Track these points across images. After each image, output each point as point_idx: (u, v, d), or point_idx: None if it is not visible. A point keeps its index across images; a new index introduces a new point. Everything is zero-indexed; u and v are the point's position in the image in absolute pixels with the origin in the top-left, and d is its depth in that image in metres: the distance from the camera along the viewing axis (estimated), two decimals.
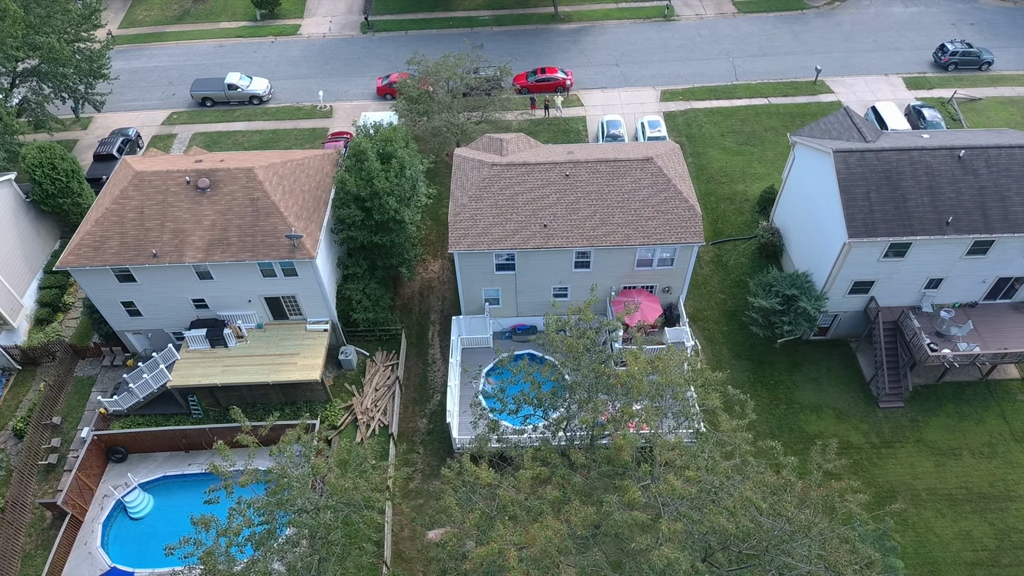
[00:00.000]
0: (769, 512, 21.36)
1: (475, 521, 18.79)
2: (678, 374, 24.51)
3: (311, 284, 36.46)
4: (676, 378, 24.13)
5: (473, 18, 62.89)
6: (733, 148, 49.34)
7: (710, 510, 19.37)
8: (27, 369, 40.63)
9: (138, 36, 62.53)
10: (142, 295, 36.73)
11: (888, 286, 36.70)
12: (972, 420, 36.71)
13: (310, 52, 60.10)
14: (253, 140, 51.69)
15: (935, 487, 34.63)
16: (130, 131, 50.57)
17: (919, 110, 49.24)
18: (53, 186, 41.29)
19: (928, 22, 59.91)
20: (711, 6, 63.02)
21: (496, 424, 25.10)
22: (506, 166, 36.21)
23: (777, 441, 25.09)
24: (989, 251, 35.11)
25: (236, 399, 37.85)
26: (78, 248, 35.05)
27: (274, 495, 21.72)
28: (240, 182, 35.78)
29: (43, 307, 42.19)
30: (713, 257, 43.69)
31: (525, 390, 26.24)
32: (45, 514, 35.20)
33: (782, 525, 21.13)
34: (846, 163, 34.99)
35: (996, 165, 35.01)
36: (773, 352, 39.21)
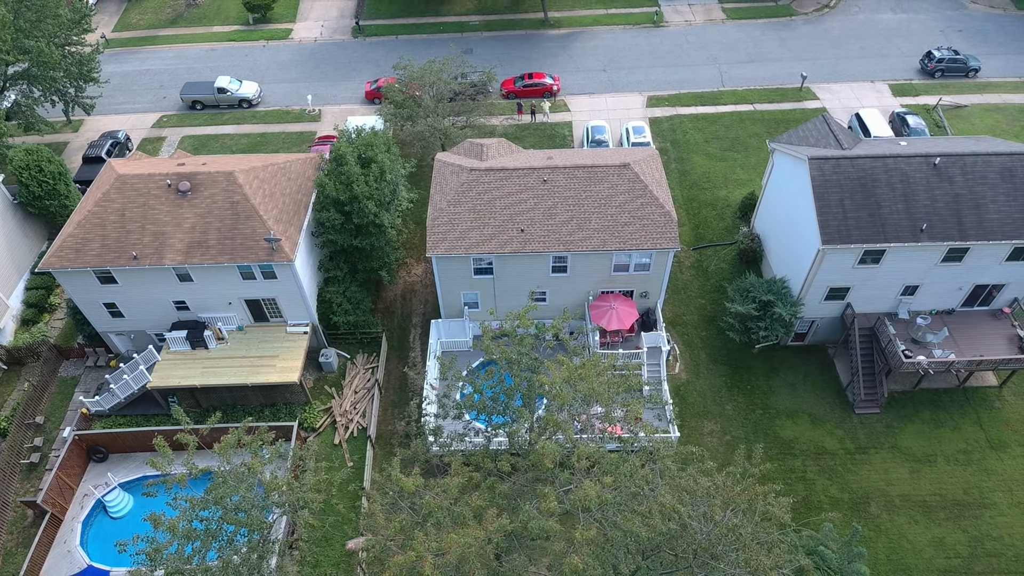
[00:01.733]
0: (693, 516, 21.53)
1: (396, 529, 19.03)
2: (599, 383, 24.53)
3: (290, 287, 36.80)
4: (598, 387, 24.18)
5: (464, 23, 63.30)
6: (717, 154, 49.58)
7: (624, 517, 19.51)
8: (12, 369, 41.05)
9: (131, 40, 63.08)
10: (124, 297, 37.12)
11: (864, 292, 36.87)
12: (948, 427, 36.83)
13: (301, 56, 60.56)
14: (241, 143, 52.12)
15: (909, 494, 34.75)
16: (119, 134, 51.05)
17: (903, 117, 49.42)
18: (40, 188, 41.73)
19: (916, 29, 60.10)
20: (700, 13, 63.32)
21: (439, 429, 25.36)
22: (484, 171, 36.52)
23: (699, 447, 25.27)
24: (964, 258, 35.25)
25: (216, 400, 38.24)
26: (60, 250, 35.45)
27: (210, 492, 22.07)
28: (220, 185, 36.15)
29: (29, 308, 42.62)
30: (694, 262, 43.91)
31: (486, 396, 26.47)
32: (26, 512, 35.57)
33: (709, 528, 21.32)
34: (821, 170, 35.20)
35: (972, 173, 35.17)
36: (751, 357, 39.39)
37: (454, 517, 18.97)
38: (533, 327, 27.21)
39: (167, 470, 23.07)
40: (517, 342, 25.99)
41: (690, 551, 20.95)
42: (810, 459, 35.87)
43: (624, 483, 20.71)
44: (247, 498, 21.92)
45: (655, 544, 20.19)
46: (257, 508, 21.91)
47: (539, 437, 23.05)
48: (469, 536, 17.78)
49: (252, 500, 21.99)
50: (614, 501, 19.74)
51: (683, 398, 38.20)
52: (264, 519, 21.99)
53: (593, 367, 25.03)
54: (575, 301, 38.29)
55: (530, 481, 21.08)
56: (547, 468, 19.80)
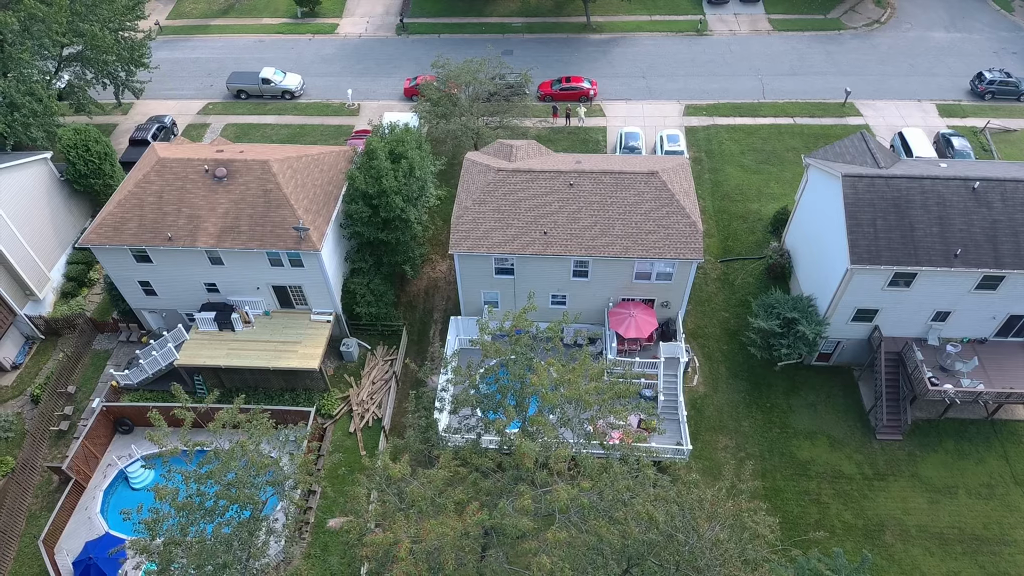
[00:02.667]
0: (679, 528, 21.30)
1: (377, 511, 19.33)
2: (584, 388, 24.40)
3: (316, 276, 37.54)
4: (582, 392, 24.05)
5: (506, 24, 63.65)
6: (752, 166, 48.93)
7: (599, 522, 19.39)
8: (49, 339, 42.69)
9: (184, 28, 65.03)
10: (157, 275, 38.34)
11: (893, 316, 36.02)
12: (972, 459, 35.74)
13: (344, 51, 61.65)
14: (281, 134, 53.29)
15: (926, 524, 33.83)
16: (166, 119, 52.68)
17: (948, 138, 48.09)
18: (86, 167, 43.34)
19: (969, 49, 58.39)
20: (746, 23, 62.55)
21: (433, 422, 25.60)
22: (511, 172, 36.74)
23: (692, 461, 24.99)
24: (999, 287, 34.19)
25: (239, 382, 39.23)
26: (99, 227, 36.80)
27: (201, 467, 22.76)
28: (255, 173, 37.08)
29: (69, 281, 44.29)
30: (720, 275, 43.41)
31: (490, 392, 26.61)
32: (52, 477, 36.97)
33: (693, 541, 21.08)
34: (854, 188, 34.52)
35: (1012, 199, 34.12)
36: (772, 375, 38.80)
37: (436, 507, 19.27)
38: (533, 328, 27.31)
39: (163, 444, 23.93)
40: (514, 342, 26.16)
41: (673, 562, 20.78)
42: (826, 482, 35.18)
43: (604, 489, 20.66)
44: (239, 475, 22.56)
45: (639, 552, 20.10)
46: (247, 485, 22.54)
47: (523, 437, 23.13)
48: (447, 526, 18.04)
49: (243, 477, 22.62)
50: (590, 505, 19.72)
51: (699, 411, 37.82)
52: (255, 497, 22.61)
53: (579, 372, 24.95)
54: (595, 307, 38.24)
55: (512, 480, 21.23)
56: (527, 468, 19.91)
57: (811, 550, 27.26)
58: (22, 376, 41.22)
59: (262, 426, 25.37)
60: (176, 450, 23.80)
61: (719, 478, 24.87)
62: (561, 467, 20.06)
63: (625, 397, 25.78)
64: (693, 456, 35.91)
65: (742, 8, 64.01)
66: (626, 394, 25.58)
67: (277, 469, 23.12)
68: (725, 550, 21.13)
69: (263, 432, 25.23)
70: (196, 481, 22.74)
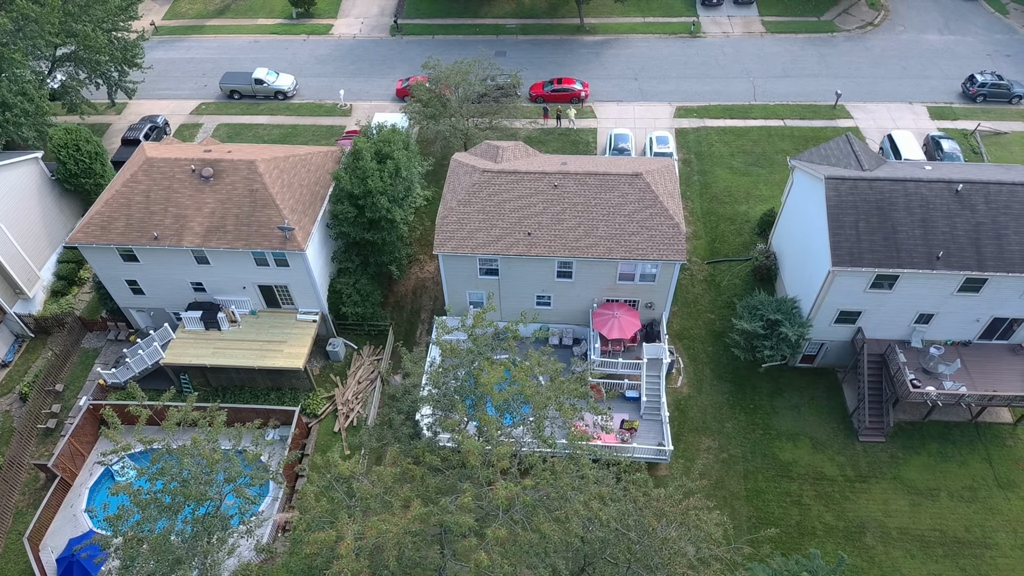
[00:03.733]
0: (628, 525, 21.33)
1: (323, 508, 19.51)
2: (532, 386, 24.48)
3: (301, 275, 37.73)
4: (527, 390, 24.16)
5: (500, 26, 63.81)
6: (741, 168, 48.98)
7: (539, 519, 19.49)
8: (39, 337, 43.00)
9: (180, 28, 65.38)
10: (144, 275, 38.59)
11: (875, 318, 36.04)
12: (955, 461, 35.73)
13: (338, 51, 61.89)
14: (273, 134, 53.54)
15: (907, 527, 33.83)
16: (159, 119, 52.97)
17: (938, 141, 48.06)
18: (77, 166, 43.62)
19: (963, 51, 58.32)
20: (739, 25, 62.59)
21: (390, 420, 25.79)
22: (496, 173, 36.87)
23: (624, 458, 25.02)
24: (982, 289, 34.18)
25: (225, 381, 39.46)
26: (87, 226, 37.06)
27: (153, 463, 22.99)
28: (242, 173, 37.30)
29: (60, 280, 44.59)
30: (707, 276, 43.47)
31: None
32: (39, 475, 37.22)
33: (643, 539, 21.14)
34: (837, 190, 34.57)
35: (995, 202, 34.11)
36: (756, 376, 38.84)
37: (384, 505, 19.40)
38: (491, 327, 27.51)
39: (118, 441, 24.13)
40: (473, 340, 26.34)
41: (624, 560, 20.84)
42: (807, 484, 35.21)
43: (547, 486, 20.74)
44: (192, 472, 22.77)
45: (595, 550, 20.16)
46: (201, 482, 22.75)
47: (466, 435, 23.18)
48: (389, 523, 18.18)
49: (196, 474, 22.83)
50: (533, 503, 19.79)
51: (683, 412, 37.89)
52: (207, 493, 22.81)
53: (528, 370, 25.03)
54: (580, 307, 38.35)
55: (459, 477, 21.34)
56: (472, 465, 20.03)
57: (763, 547, 27.31)
58: (11, 374, 41.52)
59: (218, 424, 25.52)
60: (129, 446, 24.03)
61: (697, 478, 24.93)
62: (504, 464, 20.18)
63: (580, 397, 25.84)
64: (676, 457, 36.02)
65: (736, 10, 64.05)
66: (578, 394, 25.64)
67: (234, 465, 23.32)
68: (677, 549, 21.19)
69: (218, 429, 25.38)
70: (150, 479, 22.97)
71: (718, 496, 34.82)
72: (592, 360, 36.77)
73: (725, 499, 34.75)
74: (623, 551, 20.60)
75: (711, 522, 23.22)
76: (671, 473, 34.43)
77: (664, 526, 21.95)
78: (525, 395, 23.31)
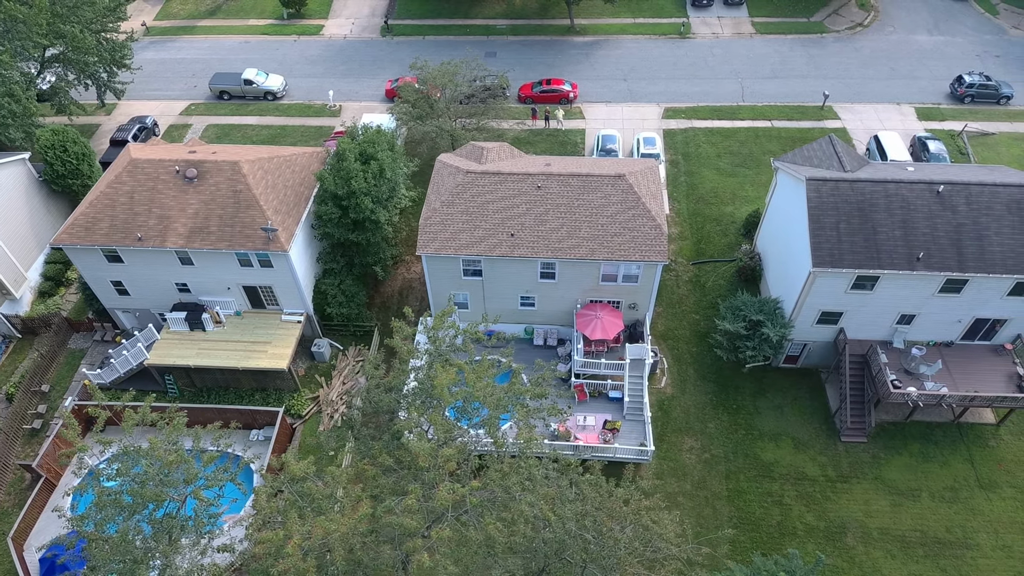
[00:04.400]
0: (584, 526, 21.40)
1: (273, 509, 19.65)
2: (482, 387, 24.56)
3: (285, 276, 37.83)
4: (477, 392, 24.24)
5: (490, 26, 63.88)
6: (727, 169, 49.06)
7: (485, 520, 19.58)
8: (26, 338, 43.09)
9: (171, 28, 65.45)
10: (129, 275, 38.68)
11: (857, 318, 36.13)
12: (937, 462, 35.82)
13: (329, 52, 61.96)
14: (262, 135, 53.62)
15: (888, 527, 33.92)
16: (148, 119, 53.02)
17: (924, 142, 48.14)
18: (64, 167, 43.69)
19: (952, 52, 58.39)
20: (729, 26, 62.65)
21: (351, 420, 25.90)
22: (480, 174, 36.95)
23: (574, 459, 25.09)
24: (963, 290, 34.27)
25: (210, 381, 39.56)
26: (71, 227, 37.16)
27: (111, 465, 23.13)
28: (225, 174, 37.40)
29: (47, 280, 44.68)
30: (692, 277, 43.56)
31: None
32: (24, 475, 37.32)
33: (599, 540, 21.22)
34: (818, 191, 34.67)
35: (977, 202, 34.21)
36: (740, 376, 38.93)
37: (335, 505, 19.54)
38: (452, 329, 27.61)
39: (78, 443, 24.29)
40: (432, 341, 26.47)
41: (579, 560, 20.92)
42: (789, 484, 35.30)
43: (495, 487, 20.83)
44: (149, 472, 22.91)
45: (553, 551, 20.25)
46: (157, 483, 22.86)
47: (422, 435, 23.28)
48: (337, 523, 18.30)
49: (152, 475, 22.96)
50: (479, 503, 19.89)
51: (666, 413, 37.98)
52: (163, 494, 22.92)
53: (478, 372, 25.12)
54: (563, 308, 38.42)
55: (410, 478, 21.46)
56: (421, 467, 20.15)
57: (721, 548, 27.43)
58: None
59: (176, 424, 25.61)
60: (85, 447, 24.16)
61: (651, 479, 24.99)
62: (451, 466, 20.28)
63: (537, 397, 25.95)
64: (658, 457, 36.13)
65: (726, 11, 64.12)
66: (538, 395, 25.72)
67: (190, 467, 23.41)
68: (632, 549, 21.28)
69: (178, 430, 25.49)
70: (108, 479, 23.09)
71: (700, 496, 34.98)
72: (575, 360, 36.89)
73: (707, 499, 34.86)
74: (579, 552, 20.70)
75: (664, 522, 23.30)
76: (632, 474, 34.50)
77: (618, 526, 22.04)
78: (475, 396, 23.37)
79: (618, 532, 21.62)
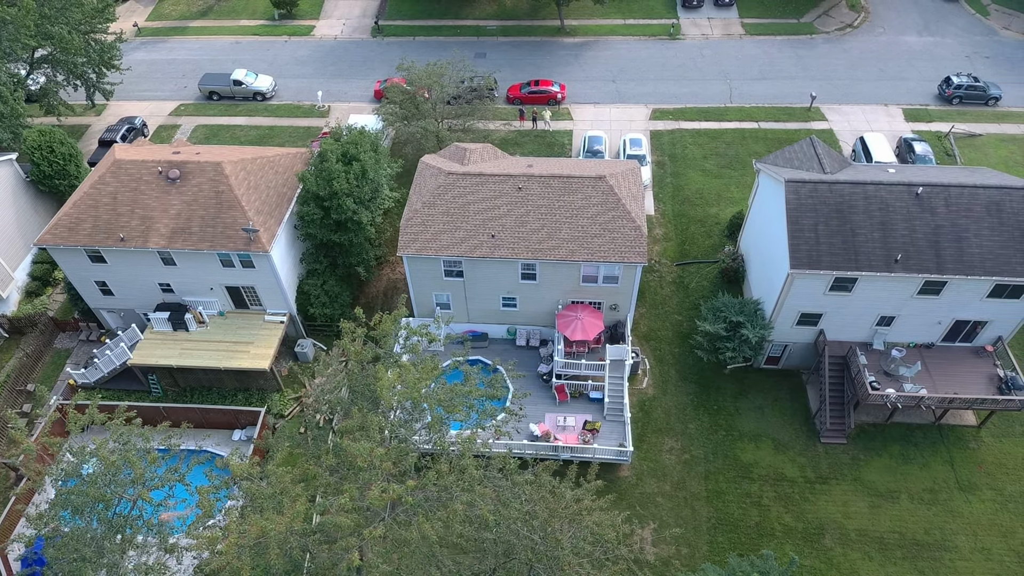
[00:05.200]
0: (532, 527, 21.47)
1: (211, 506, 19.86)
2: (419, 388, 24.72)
3: (268, 277, 37.96)
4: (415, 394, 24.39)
5: (481, 27, 64.03)
6: (713, 171, 49.12)
7: (420, 519, 19.72)
8: (13, 338, 43.27)
9: (163, 29, 65.73)
10: (113, 276, 38.85)
11: (837, 320, 36.16)
12: (916, 464, 35.84)
13: (319, 53, 62.15)
14: (250, 135, 53.80)
15: (867, 528, 33.94)
16: (136, 120, 53.26)
17: (910, 143, 48.15)
18: (51, 168, 43.92)
19: (942, 53, 58.39)
20: (719, 27, 62.70)
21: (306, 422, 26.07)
22: (461, 175, 37.06)
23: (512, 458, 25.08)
24: (943, 292, 34.28)
25: (193, 381, 39.73)
26: (55, 228, 37.34)
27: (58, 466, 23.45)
28: (208, 175, 37.53)
29: (34, 280, 44.89)
30: (676, 278, 43.63)
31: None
32: (9, 474, 37.51)
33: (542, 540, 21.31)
34: (797, 193, 34.71)
35: (956, 204, 34.22)
36: (721, 377, 38.99)
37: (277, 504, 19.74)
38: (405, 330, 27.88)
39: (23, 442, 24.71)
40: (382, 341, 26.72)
41: (525, 559, 21.00)
42: (768, 485, 35.34)
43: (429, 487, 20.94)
44: (95, 473, 23.13)
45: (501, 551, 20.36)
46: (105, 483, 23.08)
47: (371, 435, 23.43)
48: (274, 522, 18.48)
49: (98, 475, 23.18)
50: (414, 503, 20.01)
51: (647, 413, 38.05)
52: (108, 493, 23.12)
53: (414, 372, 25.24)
54: (545, 309, 38.52)
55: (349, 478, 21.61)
56: (359, 467, 20.29)
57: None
58: None
59: (129, 427, 25.82)
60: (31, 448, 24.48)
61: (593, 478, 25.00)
62: (387, 467, 20.39)
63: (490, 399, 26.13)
64: (638, 458, 36.22)
65: (716, 12, 64.18)
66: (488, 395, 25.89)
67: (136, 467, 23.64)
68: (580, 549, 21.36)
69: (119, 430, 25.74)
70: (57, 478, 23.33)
71: (678, 497, 35.05)
72: (556, 361, 36.99)
73: (685, 500, 34.94)
74: (527, 551, 20.80)
75: (604, 523, 23.35)
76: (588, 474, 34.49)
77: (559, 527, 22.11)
78: (413, 398, 23.52)
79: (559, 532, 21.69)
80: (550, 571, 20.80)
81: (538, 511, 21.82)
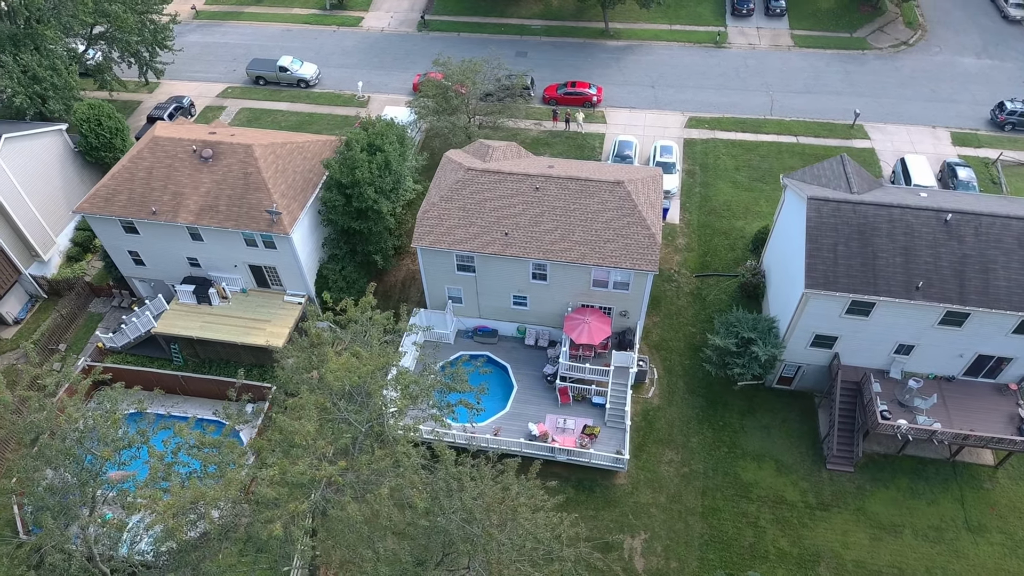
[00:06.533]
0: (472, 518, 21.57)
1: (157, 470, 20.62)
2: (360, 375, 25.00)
3: (288, 258, 39.04)
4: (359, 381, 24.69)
5: (525, 26, 64.23)
6: (744, 183, 48.28)
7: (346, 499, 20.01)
8: (52, 299, 45.56)
9: (219, 13, 67.97)
10: (144, 247, 40.53)
11: (852, 344, 35.22)
12: (925, 499, 34.65)
13: (364, 44, 63.35)
14: (291, 120, 55.24)
15: (864, 560, 33.01)
16: (184, 99, 55.29)
17: (954, 168, 46.42)
18: (97, 140, 45.98)
19: (998, 77, 56.01)
20: (767, 37, 61.48)
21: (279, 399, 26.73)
22: (480, 172, 37.39)
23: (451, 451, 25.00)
24: (965, 324, 33.05)
25: (212, 353, 41.16)
26: (93, 198, 39.16)
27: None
28: (238, 156, 38.79)
29: (76, 246, 47.12)
30: (694, 289, 43.08)
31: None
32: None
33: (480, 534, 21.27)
34: (819, 211, 33.93)
35: (986, 234, 32.95)
36: (730, 394, 38.39)
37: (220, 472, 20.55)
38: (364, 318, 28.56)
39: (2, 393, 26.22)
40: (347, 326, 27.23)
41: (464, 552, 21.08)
42: (766, 506, 34.69)
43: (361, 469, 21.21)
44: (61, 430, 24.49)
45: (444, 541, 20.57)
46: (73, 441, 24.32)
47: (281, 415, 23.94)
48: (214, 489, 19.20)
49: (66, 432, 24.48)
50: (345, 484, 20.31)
51: (650, 423, 37.74)
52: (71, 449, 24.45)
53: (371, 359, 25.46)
54: (555, 310, 38.58)
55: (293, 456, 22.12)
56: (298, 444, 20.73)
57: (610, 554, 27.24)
58: (22, 331, 44.13)
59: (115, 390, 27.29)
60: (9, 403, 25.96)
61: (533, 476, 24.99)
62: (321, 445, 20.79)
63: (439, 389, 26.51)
64: (635, 467, 36.00)
65: (766, 22, 62.95)
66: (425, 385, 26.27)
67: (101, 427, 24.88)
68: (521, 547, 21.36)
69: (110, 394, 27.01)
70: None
71: (673, 510, 34.72)
72: (561, 363, 37.04)
73: (679, 513, 34.58)
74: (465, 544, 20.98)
75: (538, 522, 23.24)
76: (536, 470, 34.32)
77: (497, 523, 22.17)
78: (352, 382, 23.93)
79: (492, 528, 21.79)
80: (486, 565, 21.00)
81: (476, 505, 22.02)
